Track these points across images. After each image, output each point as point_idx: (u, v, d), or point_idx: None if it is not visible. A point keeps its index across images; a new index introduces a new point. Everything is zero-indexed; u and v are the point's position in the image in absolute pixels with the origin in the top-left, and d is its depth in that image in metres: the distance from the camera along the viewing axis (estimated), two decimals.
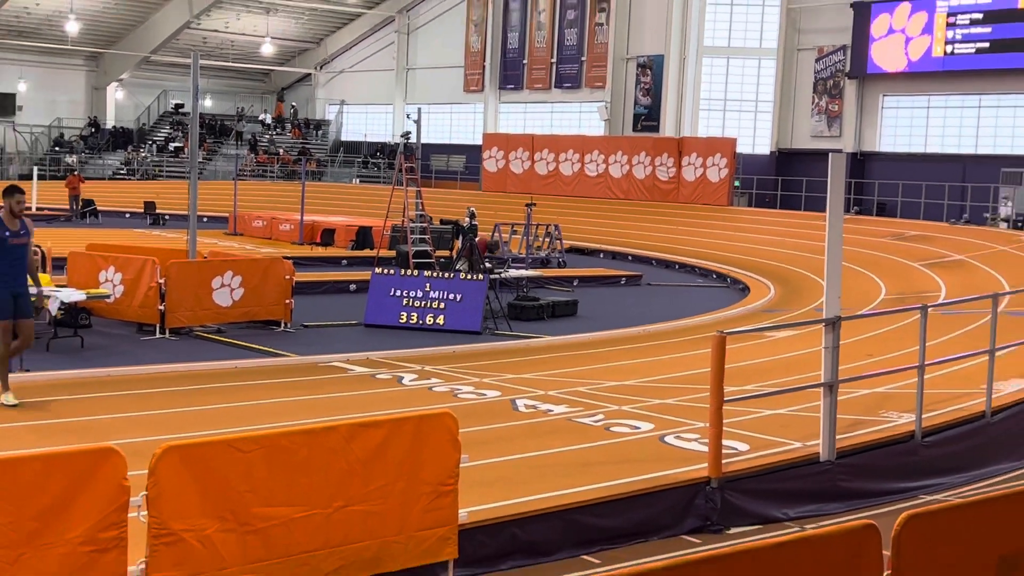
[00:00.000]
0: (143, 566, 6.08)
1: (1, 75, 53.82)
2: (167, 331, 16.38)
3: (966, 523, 5.52)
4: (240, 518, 6.32)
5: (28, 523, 5.68)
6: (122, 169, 53.48)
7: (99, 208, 42.01)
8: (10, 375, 12.37)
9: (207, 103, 58.34)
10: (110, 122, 57.06)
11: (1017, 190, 34.00)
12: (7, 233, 10.67)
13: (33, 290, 15.76)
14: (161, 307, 16.30)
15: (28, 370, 12.74)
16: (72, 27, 51.34)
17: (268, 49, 57.16)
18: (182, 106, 56.81)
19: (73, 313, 15.91)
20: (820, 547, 4.94)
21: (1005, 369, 12.35)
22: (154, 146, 55.72)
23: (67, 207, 41.38)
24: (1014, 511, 5.73)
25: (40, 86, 54.93)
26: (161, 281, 16.31)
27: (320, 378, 13.10)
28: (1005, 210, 33.26)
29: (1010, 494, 5.85)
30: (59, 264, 19.70)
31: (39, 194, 41.27)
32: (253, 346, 15.85)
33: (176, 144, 55.09)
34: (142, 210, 41.94)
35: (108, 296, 16.57)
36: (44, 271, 18.82)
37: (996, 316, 11.47)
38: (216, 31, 55.85)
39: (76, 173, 45.45)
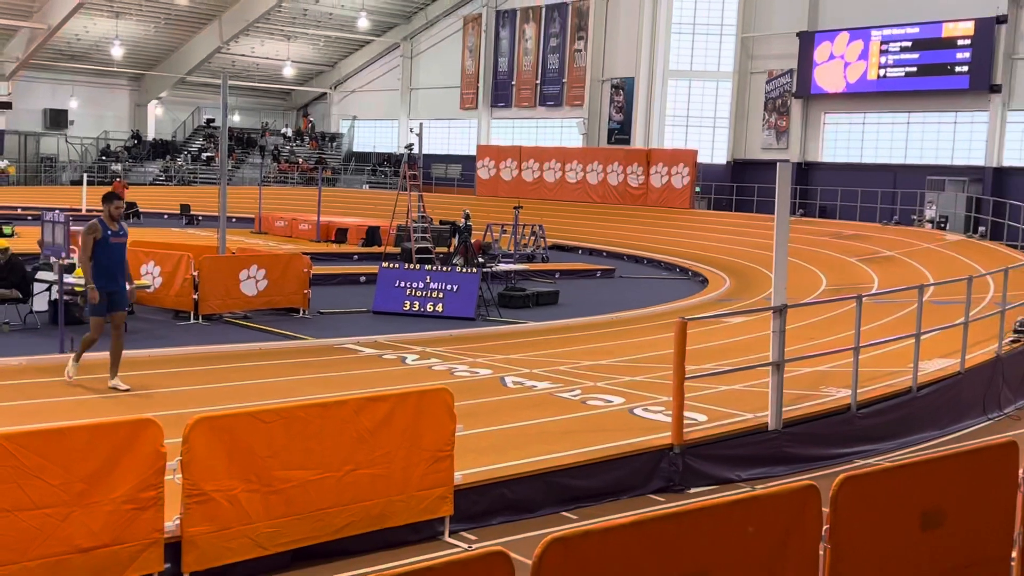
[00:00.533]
0: (178, 521, 6.08)
1: (55, 93, 53.53)
2: (200, 317, 16.32)
3: (894, 484, 5.53)
4: (263, 480, 6.32)
5: (77, 484, 5.67)
6: (161, 176, 53.22)
7: (140, 210, 41.79)
8: (62, 355, 12.32)
9: (235, 118, 58.06)
10: (150, 135, 56.80)
11: (940, 195, 34.07)
12: (108, 233, 10.49)
13: (128, 285, 15.76)
14: (195, 296, 16.24)
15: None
16: (117, 52, 51.09)
17: (289, 71, 56.93)
18: (213, 121, 56.60)
19: None
20: (768, 505, 4.95)
21: (929, 350, 12.38)
22: (189, 156, 55.45)
23: None
24: (935, 473, 5.74)
25: (89, 103, 54.65)
26: (195, 273, 16.25)
27: (333, 358, 13.07)
28: (930, 212, 33.33)
29: (932, 458, 5.86)
30: None
31: (88, 198, 41.06)
32: (275, 330, 15.80)
33: (208, 154, 54.84)
34: (178, 212, 41.74)
35: (148, 287, 16.50)
36: None
37: (921, 304, 11.50)
38: (243, 55, 55.61)
39: (120, 179, 45.21)
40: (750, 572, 4.82)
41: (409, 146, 29.31)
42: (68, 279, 15.36)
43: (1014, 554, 6.29)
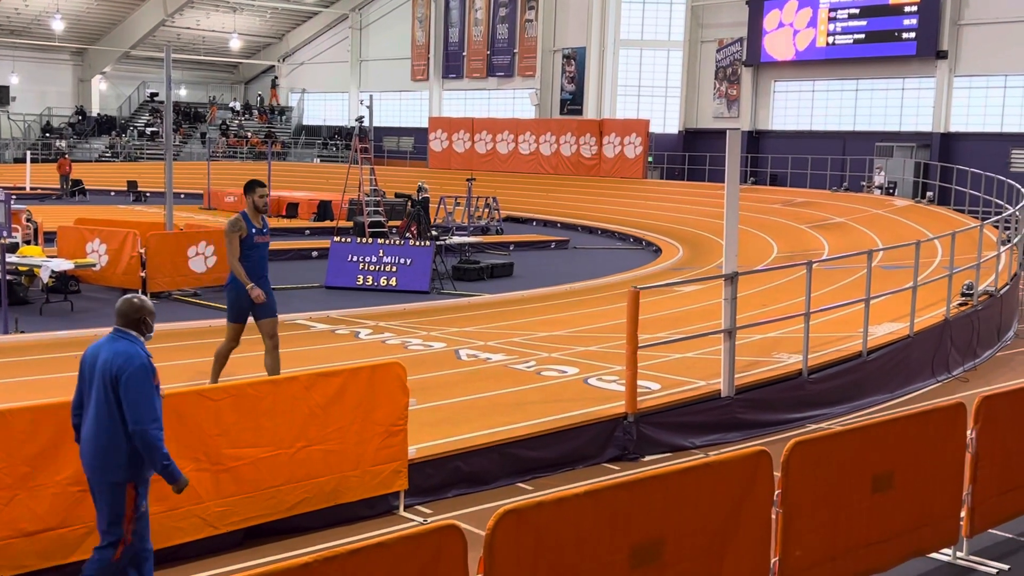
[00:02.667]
0: None
1: None
2: (148, 295, 16.07)
3: (845, 448, 5.59)
4: (212, 458, 6.24)
5: (20, 467, 5.57)
6: (107, 152, 52.28)
7: (86, 187, 41.04)
8: (6, 336, 12.09)
9: (181, 92, 57.14)
10: (95, 110, 55.73)
11: (889, 161, 34.46)
12: (253, 230, 8.98)
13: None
14: (142, 274, 16.00)
15: (23, 331, 12.45)
16: (58, 25, 50.01)
17: (236, 44, 56.07)
18: (158, 95, 55.64)
19: (63, 280, 15.56)
20: (721, 471, 4.98)
21: (878, 315, 12.52)
22: (135, 131, 54.52)
23: (58, 187, 40.37)
24: (885, 436, 5.80)
25: (31, 79, 53.45)
26: (142, 251, 16.00)
27: (285, 334, 12.88)
28: (879, 179, 33.71)
29: (882, 422, 5.92)
30: (50, 237, 19.27)
31: (32, 176, 40.26)
32: (225, 307, 15.58)
33: (154, 130, 53.94)
34: (125, 188, 41.04)
35: (94, 265, 16.23)
36: (37, 243, 18.40)
37: (871, 270, 11.61)
38: (189, 28, 54.67)
39: (66, 156, 44.33)
40: (704, 538, 4.84)
41: (360, 119, 29.01)
42: (11, 258, 15.05)
43: (963, 513, 6.39)
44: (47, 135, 52.86)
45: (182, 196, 35.28)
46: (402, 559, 3.83)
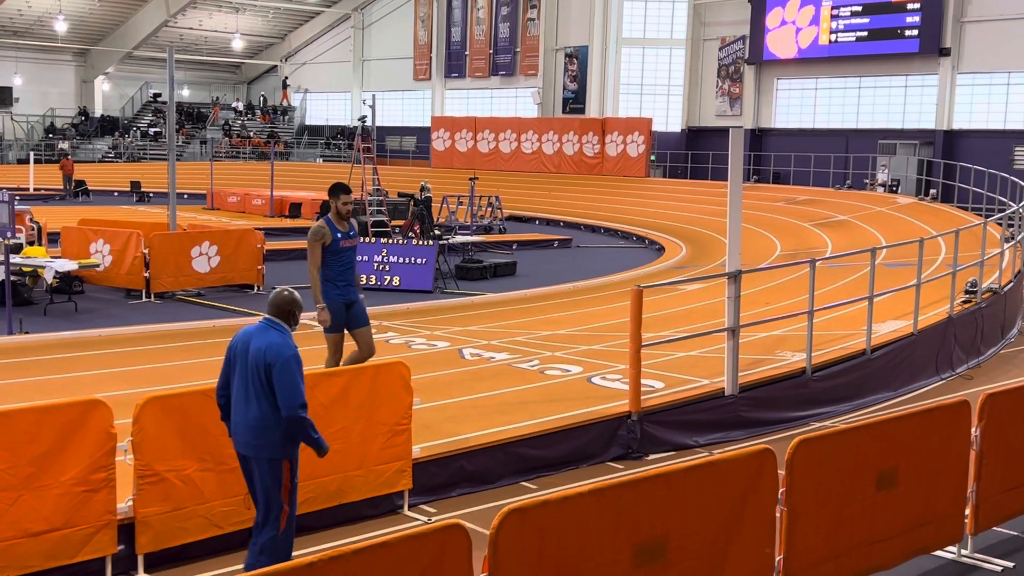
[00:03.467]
0: (131, 503, 6.00)
1: None
2: (152, 295, 16.10)
3: (849, 445, 5.58)
4: (217, 458, 6.24)
5: (25, 468, 5.57)
6: (110, 153, 52.30)
7: (90, 188, 41.07)
8: (11, 337, 12.10)
9: (184, 93, 57.15)
10: (98, 111, 55.75)
11: (892, 159, 34.42)
12: (338, 235, 8.54)
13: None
14: (146, 274, 16.02)
15: (27, 332, 12.47)
16: (61, 26, 50.03)
17: (238, 44, 56.07)
18: (161, 95, 55.66)
19: (67, 281, 15.58)
20: (725, 469, 4.97)
21: (882, 313, 12.52)
22: (138, 132, 54.55)
23: (61, 187, 40.40)
24: (889, 434, 5.80)
25: (34, 80, 53.49)
26: (146, 251, 16.01)
27: None
28: (882, 176, 33.67)
29: (886, 420, 5.92)
30: (54, 238, 19.28)
31: (36, 176, 40.31)
32: (229, 307, 15.63)
33: (157, 130, 53.98)
34: (129, 189, 41.07)
35: (98, 265, 16.24)
36: (40, 244, 18.42)
37: (874, 267, 11.60)
38: (191, 28, 54.69)
39: (68, 157, 44.36)
40: (708, 536, 4.84)
41: (362, 118, 29.03)
42: (15, 259, 15.07)
43: (967, 511, 6.39)
44: (50, 136, 52.90)
45: (185, 196, 35.29)
46: (407, 558, 3.84)
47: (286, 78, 58.40)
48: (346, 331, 8.72)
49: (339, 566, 3.64)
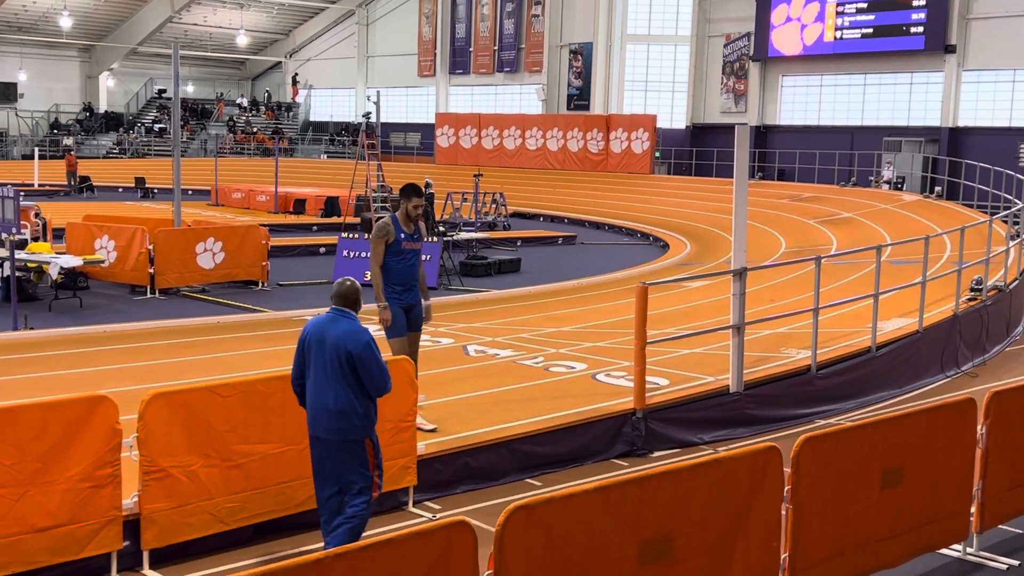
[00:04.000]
0: (136, 499, 6.01)
1: (3, 66, 52.39)
2: (157, 291, 16.12)
3: (854, 443, 5.57)
4: (222, 455, 6.25)
5: (31, 464, 5.58)
6: (114, 149, 52.36)
7: (94, 184, 41.14)
8: (16, 333, 12.11)
9: (189, 89, 57.19)
10: (103, 107, 55.81)
11: (897, 156, 34.36)
12: (402, 235, 8.14)
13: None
14: (151, 270, 16.03)
15: (32, 328, 12.49)
16: (65, 22, 50.08)
17: (243, 40, 56.09)
18: (165, 91, 55.68)
19: (72, 277, 15.61)
20: (730, 467, 4.97)
21: (887, 310, 12.50)
22: (142, 128, 54.61)
23: (66, 183, 40.47)
24: (895, 432, 5.79)
25: (38, 76, 53.54)
26: (150, 247, 16.03)
27: (294, 331, 12.91)
28: (887, 173, 33.61)
29: (891, 417, 5.91)
30: (59, 233, 19.30)
31: (40, 172, 40.38)
32: (234, 303, 15.64)
33: (162, 126, 54.02)
34: (133, 185, 41.13)
35: (103, 261, 16.26)
36: (45, 239, 18.44)
37: (880, 265, 11.58)
38: (195, 24, 54.69)
39: (72, 152, 44.43)
40: (713, 534, 4.83)
41: (367, 115, 29.04)
42: (20, 255, 15.08)
43: (973, 509, 6.38)
44: (55, 132, 52.97)
45: (190, 192, 35.33)
46: (412, 555, 3.84)
47: (296, 75, 58.34)
48: None
49: (345, 563, 3.65)
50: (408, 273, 8.18)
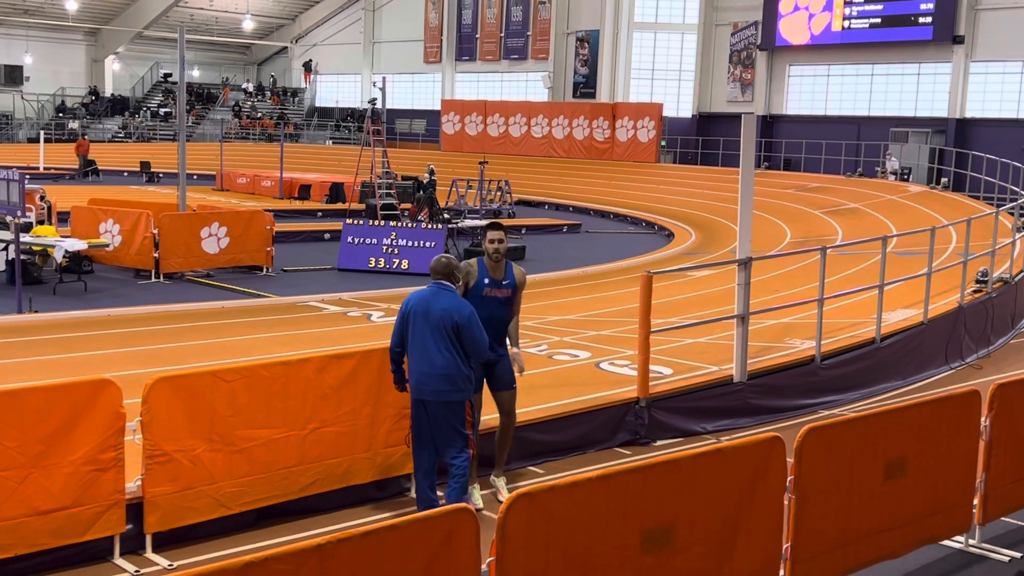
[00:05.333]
0: (139, 482, 6.02)
1: (9, 49, 52.36)
2: (161, 276, 16.13)
3: (858, 434, 5.56)
4: (225, 439, 6.25)
5: (34, 446, 5.59)
6: (120, 133, 52.37)
7: (100, 167, 41.13)
8: (21, 316, 12.12)
9: (194, 73, 57.16)
10: (108, 91, 55.80)
11: (903, 147, 34.28)
12: (485, 280, 7.04)
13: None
14: (155, 254, 16.04)
15: (37, 311, 12.51)
16: (71, 5, 50.02)
17: (248, 25, 56.02)
18: (171, 75, 55.63)
19: (77, 260, 15.62)
20: (733, 457, 4.96)
21: (892, 301, 12.47)
22: (148, 112, 54.59)
23: (76, 167, 40.38)
24: (898, 423, 5.78)
25: (44, 59, 53.52)
26: (155, 231, 16.04)
27: (297, 316, 12.96)
28: (893, 164, 33.52)
29: (895, 409, 5.90)
30: (64, 217, 19.33)
31: (46, 156, 40.38)
32: (238, 288, 15.65)
33: (167, 110, 53.99)
34: (138, 169, 41.13)
35: (108, 245, 16.28)
36: (50, 223, 18.46)
37: (885, 256, 11.55)
38: (201, 8, 54.60)
39: (85, 136, 44.40)
40: (715, 523, 4.83)
41: (372, 101, 28.95)
42: (25, 238, 15.11)
43: (976, 501, 6.38)
44: (60, 115, 52.97)
45: (195, 177, 35.32)
46: (415, 541, 3.84)
47: (309, 61, 58.12)
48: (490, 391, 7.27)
49: (348, 548, 3.65)
50: (490, 323, 6.88)
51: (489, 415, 7.49)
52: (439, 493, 6.53)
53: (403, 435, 7.05)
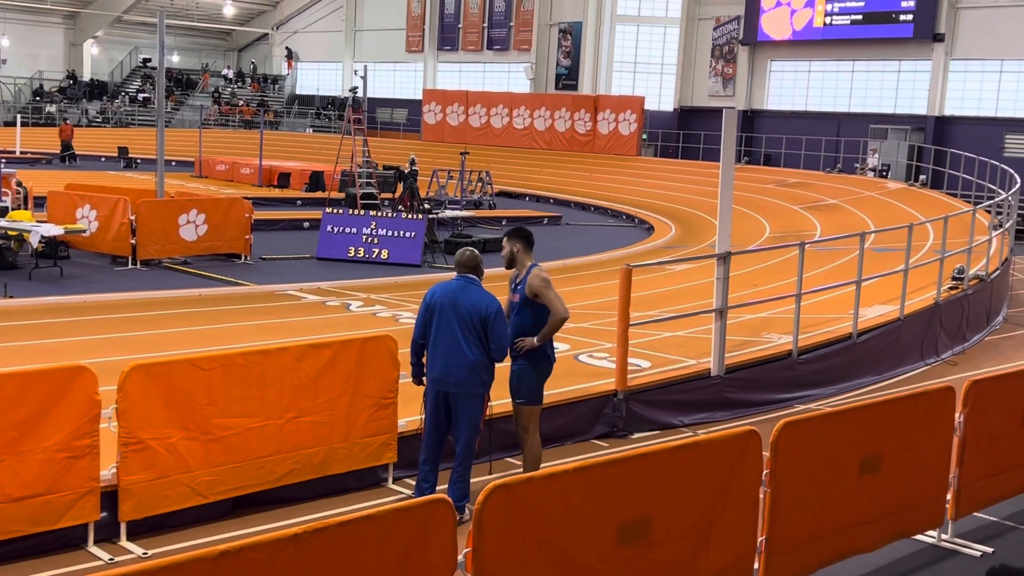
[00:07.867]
0: (115, 470, 5.99)
1: None
2: (138, 262, 16.02)
3: (834, 429, 5.60)
4: (201, 427, 6.23)
5: (8, 433, 5.55)
6: (98, 117, 51.93)
7: (77, 152, 40.77)
8: None
9: (174, 59, 56.69)
10: (87, 75, 55.27)
11: (883, 144, 34.43)
12: (512, 285, 7.05)
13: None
14: (132, 241, 15.93)
15: (12, 296, 12.40)
16: None
17: (229, 11, 55.60)
18: (150, 61, 55.18)
19: (53, 246, 15.48)
20: (710, 450, 4.98)
21: (869, 297, 12.55)
22: (127, 97, 54.14)
23: (55, 152, 39.96)
24: (873, 418, 5.82)
25: (22, 42, 52.94)
26: (132, 218, 15.92)
27: (276, 305, 12.92)
28: (872, 161, 33.69)
29: (871, 404, 5.94)
30: (40, 202, 19.15)
31: (23, 140, 39.99)
32: (216, 276, 15.57)
33: (146, 95, 53.57)
34: (116, 154, 40.80)
35: (84, 231, 16.15)
36: (26, 208, 18.29)
37: (863, 252, 11.63)
38: None
39: (68, 122, 43.97)
40: (691, 516, 4.85)
41: (353, 89, 28.85)
42: (0, 222, 14.98)
43: (949, 496, 6.43)
44: (37, 99, 52.46)
45: (173, 163, 35.07)
46: (391, 532, 3.84)
47: (289, 49, 57.76)
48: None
49: (324, 538, 3.64)
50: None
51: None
52: (439, 489, 6.58)
53: (382, 424, 7.05)
